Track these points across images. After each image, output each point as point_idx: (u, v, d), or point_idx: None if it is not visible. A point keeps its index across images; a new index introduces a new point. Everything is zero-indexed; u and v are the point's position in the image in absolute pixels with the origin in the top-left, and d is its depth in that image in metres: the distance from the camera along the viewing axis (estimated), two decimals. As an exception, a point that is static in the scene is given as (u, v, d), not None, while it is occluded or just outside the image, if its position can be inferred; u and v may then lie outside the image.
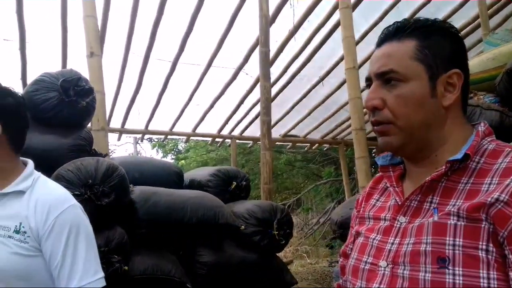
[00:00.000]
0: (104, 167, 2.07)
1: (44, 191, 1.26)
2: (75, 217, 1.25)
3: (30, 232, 1.18)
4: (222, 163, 11.35)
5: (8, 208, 1.21)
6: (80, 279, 1.20)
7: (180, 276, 2.26)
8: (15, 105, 1.27)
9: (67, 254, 1.20)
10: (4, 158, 1.26)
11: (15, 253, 1.15)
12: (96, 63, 3.24)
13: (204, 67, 6.06)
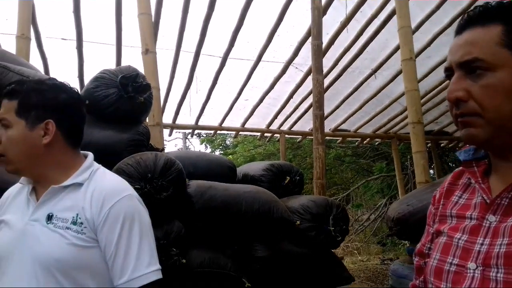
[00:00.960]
0: (162, 162, 2.10)
1: (101, 182, 1.27)
2: (130, 207, 1.24)
3: (86, 223, 1.19)
4: (269, 158, 11.35)
5: (67, 201, 1.23)
6: (133, 271, 1.19)
7: (235, 271, 2.26)
8: (68, 101, 1.29)
9: (120, 244, 1.20)
10: (61, 153, 1.28)
11: (73, 244, 1.17)
12: (151, 60, 3.31)
13: (254, 62, 6.06)
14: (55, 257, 1.14)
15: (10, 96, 1.24)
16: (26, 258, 1.16)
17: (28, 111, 1.22)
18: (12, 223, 1.24)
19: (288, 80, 6.49)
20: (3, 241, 1.22)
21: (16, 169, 1.24)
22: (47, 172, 1.25)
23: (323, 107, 3.79)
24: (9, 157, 1.22)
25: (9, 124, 1.22)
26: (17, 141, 1.21)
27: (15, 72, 2.32)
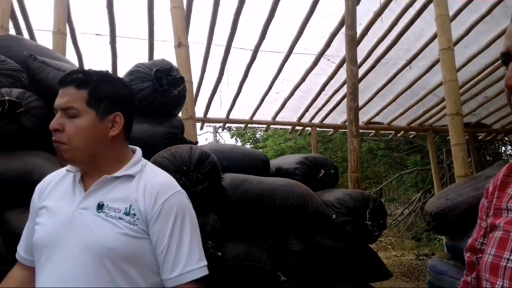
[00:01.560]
0: (197, 154, 2.09)
1: (152, 177, 1.28)
2: (182, 203, 1.26)
3: (139, 215, 1.20)
4: (300, 151, 11.27)
5: (119, 191, 1.24)
6: (184, 266, 1.20)
7: (270, 264, 2.24)
8: (130, 95, 1.33)
9: (172, 239, 1.21)
10: (120, 145, 1.30)
11: (124, 234, 1.17)
12: (184, 53, 3.31)
13: (285, 54, 6.00)
14: (107, 246, 1.15)
15: (78, 85, 1.23)
16: (75, 246, 1.17)
17: (99, 102, 1.23)
18: (57, 210, 1.25)
19: (319, 72, 6.40)
20: (48, 229, 1.23)
21: (75, 158, 1.23)
22: (104, 164, 1.27)
23: (357, 99, 3.71)
24: (73, 146, 1.21)
25: (77, 114, 1.21)
26: (85, 131, 1.21)
27: (52, 66, 2.36)
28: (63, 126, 1.21)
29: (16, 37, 2.92)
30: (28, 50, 2.44)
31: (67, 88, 1.24)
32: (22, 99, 2.12)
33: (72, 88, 1.23)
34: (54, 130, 1.23)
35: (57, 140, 1.22)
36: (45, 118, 2.21)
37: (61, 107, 1.23)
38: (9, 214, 1.97)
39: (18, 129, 2.07)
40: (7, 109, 2.03)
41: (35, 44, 2.78)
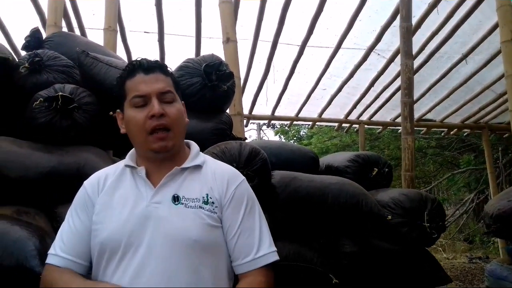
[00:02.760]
0: (247, 151, 2.03)
1: (217, 166, 1.31)
2: (250, 190, 1.30)
3: (217, 203, 1.22)
4: (344, 149, 11.02)
5: (191, 181, 1.24)
6: (257, 250, 1.22)
7: (322, 265, 2.15)
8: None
9: (244, 225, 1.23)
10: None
11: (207, 224, 1.18)
12: (232, 49, 3.27)
13: (333, 49, 5.86)
14: (192, 237, 1.15)
15: (165, 72, 1.26)
16: (157, 241, 1.15)
17: (177, 89, 1.29)
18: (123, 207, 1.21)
19: (369, 68, 6.20)
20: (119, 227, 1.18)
21: (175, 144, 1.24)
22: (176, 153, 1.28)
23: (412, 94, 3.54)
24: (175, 132, 1.23)
25: (174, 98, 1.24)
26: (182, 115, 1.26)
27: (104, 62, 2.37)
28: (165, 111, 1.20)
29: (69, 34, 2.98)
30: (80, 47, 2.47)
31: (154, 74, 1.22)
32: (74, 94, 2.14)
33: (161, 74, 1.23)
34: (159, 115, 1.19)
35: (163, 124, 1.19)
36: (97, 113, 2.23)
37: (161, 91, 1.22)
38: (61, 209, 1.98)
39: (71, 125, 2.09)
40: (60, 105, 2.05)
41: (86, 41, 2.82)
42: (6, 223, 1.60)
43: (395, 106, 6.90)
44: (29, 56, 2.30)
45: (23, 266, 1.49)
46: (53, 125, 2.06)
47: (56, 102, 2.05)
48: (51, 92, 2.11)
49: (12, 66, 2.31)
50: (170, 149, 1.24)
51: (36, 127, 2.07)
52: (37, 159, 1.98)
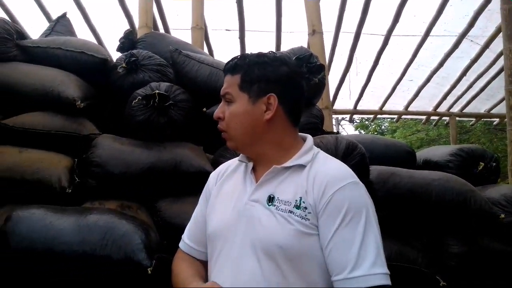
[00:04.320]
0: (344, 145, 1.95)
1: (323, 167, 1.16)
2: (355, 196, 1.10)
3: (310, 208, 1.10)
4: (429, 144, 10.43)
5: (289, 183, 1.15)
6: (352, 269, 1.03)
7: (427, 266, 2.01)
8: (290, 74, 1.21)
9: (340, 236, 1.06)
10: (282, 131, 1.20)
11: (296, 230, 1.08)
12: (318, 41, 3.20)
13: (421, 37, 5.55)
14: (278, 243, 1.07)
15: (233, 71, 1.21)
16: (245, 241, 1.12)
17: (251, 84, 1.18)
18: (229, 201, 1.21)
19: (460, 56, 5.80)
20: (220, 220, 1.20)
21: (236, 146, 1.22)
22: (267, 150, 1.20)
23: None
24: (231, 133, 1.20)
25: (232, 99, 1.19)
26: (239, 115, 1.18)
27: (196, 60, 2.40)
28: (224, 114, 1.20)
29: (160, 34, 3.07)
30: (171, 46, 2.52)
31: (226, 76, 1.23)
32: (170, 92, 2.18)
33: (228, 75, 1.22)
34: (217, 118, 1.22)
35: (220, 128, 1.22)
36: (191, 110, 2.26)
37: (221, 94, 1.23)
38: (161, 203, 2.04)
39: (167, 122, 2.13)
40: (157, 102, 2.10)
41: (177, 40, 2.88)
42: (113, 217, 1.66)
43: (490, 96, 6.41)
44: (125, 57, 2.39)
45: (131, 259, 1.53)
46: (151, 122, 2.11)
47: (153, 100, 2.10)
48: (148, 90, 2.16)
49: (110, 67, 2.41)
50: (235, 150, 1.24)
51: (135, 124, 2.14)
52: (138, 155, 2.04)
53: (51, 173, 1.97)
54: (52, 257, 1.54)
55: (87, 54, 2.31)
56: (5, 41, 2.25)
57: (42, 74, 2.20)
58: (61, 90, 2.13)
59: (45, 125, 2.08)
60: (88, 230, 1.58)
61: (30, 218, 1.62)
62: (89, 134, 2.14)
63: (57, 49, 2.31)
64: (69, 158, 2.08)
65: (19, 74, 2.18)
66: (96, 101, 2.31)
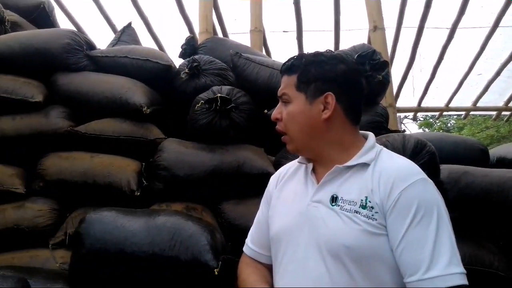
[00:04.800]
0: (412, 143, 1.87)
1: (388, 164, 1.12)
2: (425, 193, 1.05)
3: (377, 208, 1.06)
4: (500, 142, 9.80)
5: (353, 182, 1.12)
6: (426, 270, 0.99)
7: (505, 270, 1.88)
8: (347, 73, 1.18)
9: (411, 236, 1.02)
10: (341, 129, 1.18)
11: (363, 230, 1.05)
12: (380, 37, 3.11)
13: (489, 29, 5.24)
14: (345, 243, 1.05)
15: (289, 71, 1.20)
16: (310, 243, 1.10)
17: (308, 84, 1.16)
18: (290, 203, 1.21)
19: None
20: (282, 223, 1.20)
21: (296, 147, 1.20)
22: (327, 150, 1.18)
23: None
24: (290, 134, 1.19)
25: (289, 99, 1.19)
26: (296, 116, 1.17)
27: (256, 62, 2.41)
28: (281, 115, 1.20)
29: (220, 38, 3.12)
30: (231, 49, 2.55)
31: (283, 77, 1.23)
32: (231, 95, 2.21)
33: (285, 76, 1.21)
34: (275, 119, 1.22)
35: (278, 130, 1.21)
36: (252, 112, 2.27)
37: (278, 95, 1.23)
38: (225, 205, 2.06)
39: (229, 124, 2.16)
40: (219, 106, 2.13)
41: (236, 44, 2.91)
42: (180, 219, 1.70)
43: None
44: (188, 62, 2.45)
45: (198, 260, 1.56)
46: (214, 126, 2.15)
47: (215, 104, 2.14)
48: (210, 94, 2.20)
49: (174, 73, 2.48)
50: (295, 152, 1.22)
51: (198, 128, 2.18)
52: (201, 158, 2.09)
53: (121, 176, 2.06)
54: (123, 258, 1.60)
55: (152, 61, 2.39)
56: (76, 52, 2.38)
57: (111, 82, 2.30)
58: (129, 97, 2.22)
59: (115, 131, 2.18)
60: (157, 231, 1.63)
61: (103, 220, 1.69)
62: (155, 139, 2.21)
63: (124, 57, 2.41)
64: (137, 162, 2.17)
65: (90, 83, 2.30)
66: (161, 107, 2.39)
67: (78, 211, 2.12)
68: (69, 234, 1.96)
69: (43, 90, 2.30)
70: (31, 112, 2.22)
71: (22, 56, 2.31)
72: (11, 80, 2.26)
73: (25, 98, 2.20)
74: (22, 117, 2.21)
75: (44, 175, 2.12)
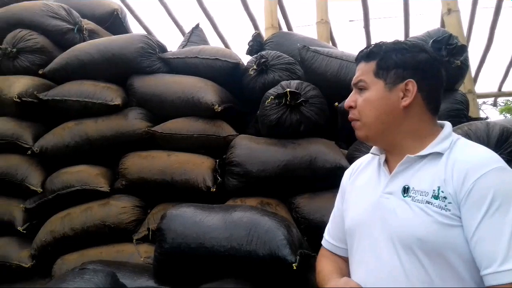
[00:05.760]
0: (497, 131, 1.74)
1: (463, 153, 1.08)
2: (502, 183, 0.99)
3: (450, 198, 1.02)
4: None
5: (425, 172, 1.09)
6: (502, 262, 0.94)
7: None
8: (429, 61, 1.14)
9: (486, 226, 0.97)
10: (419, 118, 1.14)
11: (436, 222, 1.01)
12: (455, 20, 2.94)
13: None
14: (417, 235, 1.02)
15: (367, 58, 1.18)
16: (382, 235, 1.09)
17: (387, 70, 1.14)
18: (363, 195, 1.20)
19: None
20: (355, 215, 1.20)
21: (368, 135, 1.18)
22: (401, 140, 1.15)
23: None
24: (364, 121, 1.16)
25: (366, 86, 1.16)
26: (374, 102, 1.14)
27: (324, 54, 2.37)
28: (355, 102, 1.18)
29: (286, 33, 3.11)
30: (297, 43, 2.53)
31: (359, 64, 1.21)
32: (300, 89, 2.19)
33: (362, 63, 1.19)
34: (348, 107, 1.20)
35: (351, 117, 1.20)
36: (322, 106, 2.24)
37: (353, 83, 1.21)
38: (299, 200, 2.06)
39: (300, 119, 2.15)
40: (289, 100, 2.12)
41: (303, 37, 2.89)
42: (256, 214, 1.72)
43: None
44: (255, 59, 2.47)
45: (275, 255, 1.57)
46: (284, 121, 2.15)
47: (285, 98, 2.14)
48: (279, 89, 2.20)
49: (242, 70, 2.51)
50: (365, 140, 1.20)
51: (269, 123, 2.19)
52: (273, 153, 2.09)
53: (196, 173, 2.12)
54: (203, 252, 1.65)
55: (221, 60, 2.44)
56: (150, 55, 2.48)
57: (183, 83, 2.38)
58: (200, 96, 2.28)
59: (189, 129, 2.25)
60: (234, 226, 1.66)
61: (182, 216, 1.75)
62: (228, 136, 2.25)
63: (194, 58, 2.47)
64: (211, 159, 2.22)
65: (163, 84, 2.40)
66: (232, 104, 2.43)
67: (158, 207, 2.22)
68: (152, 230, 2.05)
69: (121, 93, 2.43)
70: (111, 114, 2.36)
71: (101, 62, 2.46)
72: (92, 85, 2.41)
73: (105, 102, 2.34)
74: (104, 119, 2.35)
75: (125, 174, 2.23)
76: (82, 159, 2.34)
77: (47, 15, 2.66)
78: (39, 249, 2.17)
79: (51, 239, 2.16)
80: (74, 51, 2.54)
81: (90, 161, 2.35)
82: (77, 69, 2.49)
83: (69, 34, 2.70)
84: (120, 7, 3.28)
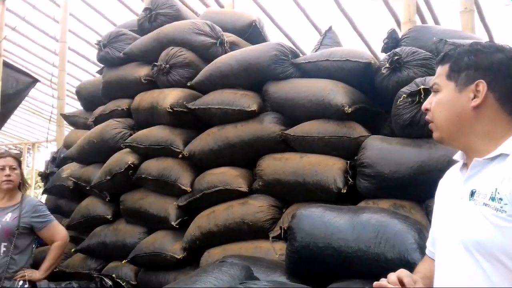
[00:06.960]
0: None
1: None
2: None
3: (506, 199, 0.97)
4: None
5: (490, 174, 1.05)
6: None
7: None
8: (504, 61, 1.10)
9: None
10: (492, 120, 1.10)
11: (491, 224, 0.98)
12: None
13: None
14: (475, 238, 1.01)
15: (442, 61, 1.19)
16: (450, 240, 1.09)
17: (459, 72, 1.13)
18: (444, 202, 1.20)
19: None
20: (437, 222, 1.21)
21: (441, 136, 1.17)
22: (474, 142, 1.11)
23: None
24: (436, 123, 1.16)
25: (439, 89, 1.17)
26: (444, 104, 1.14)
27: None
28: (431, 105, 1.19)
29: (424, 26, 2.96)
30: (436, 37, 2.39)
31: (438, 68, 1.22)
32: (436, 87, 2.07)
33: (439, 66, 1.20)
34: (424, 109, 1.22)
35: (427, 119, 1.21)
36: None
37: (430, 86, 1.24)
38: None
39: (436, 117, 2.03)
40: (423, 98, 2.03)
41: (443, 30, 2.72)
42: (385, 216, 1.70)
43: None
44: (388, 57, 2.40)
45: (405, 258, 1.53)
46: (418, 120, 2.06)
47: (418, 96, 2.05)
48: (413, 87, 2.12)
49: (375, 69, 2.47)
50: (440, 141, 1.20)
51: (402, 123, 2.12)
52: (407, 154, 2.03)
53: (327, 175, 2.16)
54: (331, 252, 1.68)
55: (352, 61, 2.43)
56: (283, 62, 2.60)
57: (314, 86, 2.44)
58: (331, 98, 2.31)
59: (320, 132, 2.30)
60: (361, 227, 1.67)
61: (311, 216, 1.81)
62: (359, 137, 2.24)
63: (325, 61, 2.51)
64: (342, 160, 2.24)
65: (296, 89, 2.49)
66: (364, 105, 2.40)
67: (292, 207, 2.32)
68: (284, 229, 2.15)
69: (257, 99, 2.60)
70: (249, 119, 2.54)
71: (239, 71, 2.66)
72: (231, 94, 2.62)
73: (243, 108, 2.53)
74: (242, 124, 2.55)
75: (262, 175, 2.39)
76: (224, 162, 2.57)
77: (193, 32, 2.97)
78: (189, 243, 2.45)
79: (199, 234, 2.42)
80: (216, 63, 2.79)
81: (231, 163, 2.56)
82: (219, 79, 2.74)
83: (212, 48, 2.97)
84: (258, 17, 3.47)
